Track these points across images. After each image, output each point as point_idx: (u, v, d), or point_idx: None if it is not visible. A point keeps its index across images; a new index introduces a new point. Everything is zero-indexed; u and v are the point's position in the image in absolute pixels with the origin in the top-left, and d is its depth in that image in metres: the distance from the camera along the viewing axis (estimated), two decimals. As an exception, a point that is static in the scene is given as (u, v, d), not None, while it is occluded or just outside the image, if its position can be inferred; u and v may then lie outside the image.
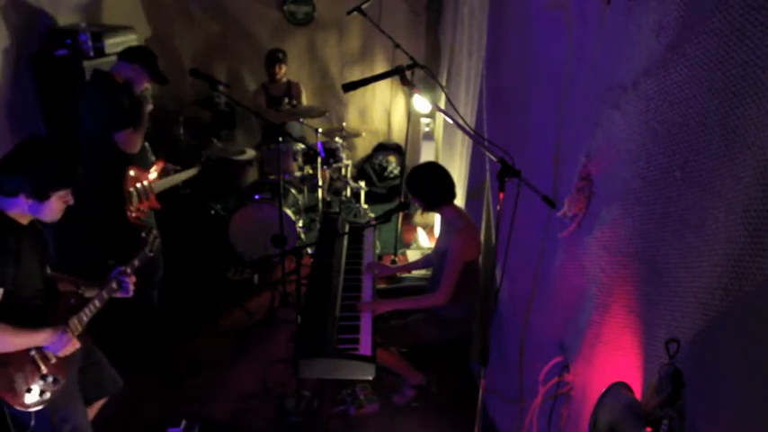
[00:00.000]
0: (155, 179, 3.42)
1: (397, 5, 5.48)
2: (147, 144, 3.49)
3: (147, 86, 3.32)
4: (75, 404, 2.27)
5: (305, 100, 5.23)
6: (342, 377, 2.66)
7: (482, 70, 3.19)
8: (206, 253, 4.53)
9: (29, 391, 2.05)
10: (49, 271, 2.30)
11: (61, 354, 2.12)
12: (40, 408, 2.09)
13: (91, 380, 2.41)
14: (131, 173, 3.24)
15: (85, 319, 2.26)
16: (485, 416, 2.68)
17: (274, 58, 4.97)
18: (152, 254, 2.63)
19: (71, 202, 2.14)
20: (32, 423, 2.08)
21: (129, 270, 2.41)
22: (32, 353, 2.07)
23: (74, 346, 2.14)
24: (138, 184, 3.28)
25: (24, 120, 3.57)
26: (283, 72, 5.05)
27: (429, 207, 3.06)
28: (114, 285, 2.36)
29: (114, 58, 3.46)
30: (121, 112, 3.14)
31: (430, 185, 2.98)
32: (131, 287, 2.40)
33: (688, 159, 1.28)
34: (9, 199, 2.02)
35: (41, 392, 2.08)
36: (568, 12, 2.02)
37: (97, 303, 2.30)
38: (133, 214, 3.23)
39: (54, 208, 2.09)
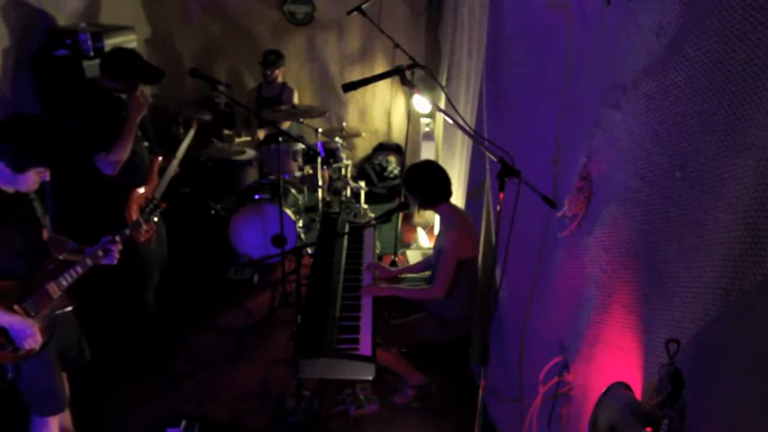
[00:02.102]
0: (156, 184, 3.17)
1: (397, 5, 5.49)
2: (146, 144, 3.45)
3: (141, 90, 3.12)
4: (52, 366, 2.35)
5: (296, 102, 5.19)
6: (342, 377, 2.66)
7: (482, 70, 3.19)
8: (206, 253, 4.54)
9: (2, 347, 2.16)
10: (46, 234, 2.35)
11: (23, 343, 2.19)
12: (16, 362, 2.20)
13: (66, 346, 2.47)
14: (134, 197, 2.95)
15: (65, 283, 2.30)
16: (485, 416, 2.68)
17: (266, 60, 4.95)
18: (147, 220, 2.72)
19: (47, 178, 2.20)
20: (10, 376, 2.21)
21: (117, 238, 2.44)
22: (15, 307, 2.17)
23: (35, 342, 2.21)
24: (142, 204, 2.97)
25: (24, 120, 3.56)
26: (276, 74, 5.01)
27: (425, 205, 3.06)
28: (100, 253, 2.39)
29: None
30: (98, 132, 2.83)
31: (426, 183, 2.98)
32: (116, 255, 2.43)
33: (688, 159, 1.28)
34: None
35: (15, 349, 2.17)
36: (568, 12, 2.02)
37: (79, 270, 2.33)
38: (142, 238, 2.96)
39: (29, 181, 2.16)
